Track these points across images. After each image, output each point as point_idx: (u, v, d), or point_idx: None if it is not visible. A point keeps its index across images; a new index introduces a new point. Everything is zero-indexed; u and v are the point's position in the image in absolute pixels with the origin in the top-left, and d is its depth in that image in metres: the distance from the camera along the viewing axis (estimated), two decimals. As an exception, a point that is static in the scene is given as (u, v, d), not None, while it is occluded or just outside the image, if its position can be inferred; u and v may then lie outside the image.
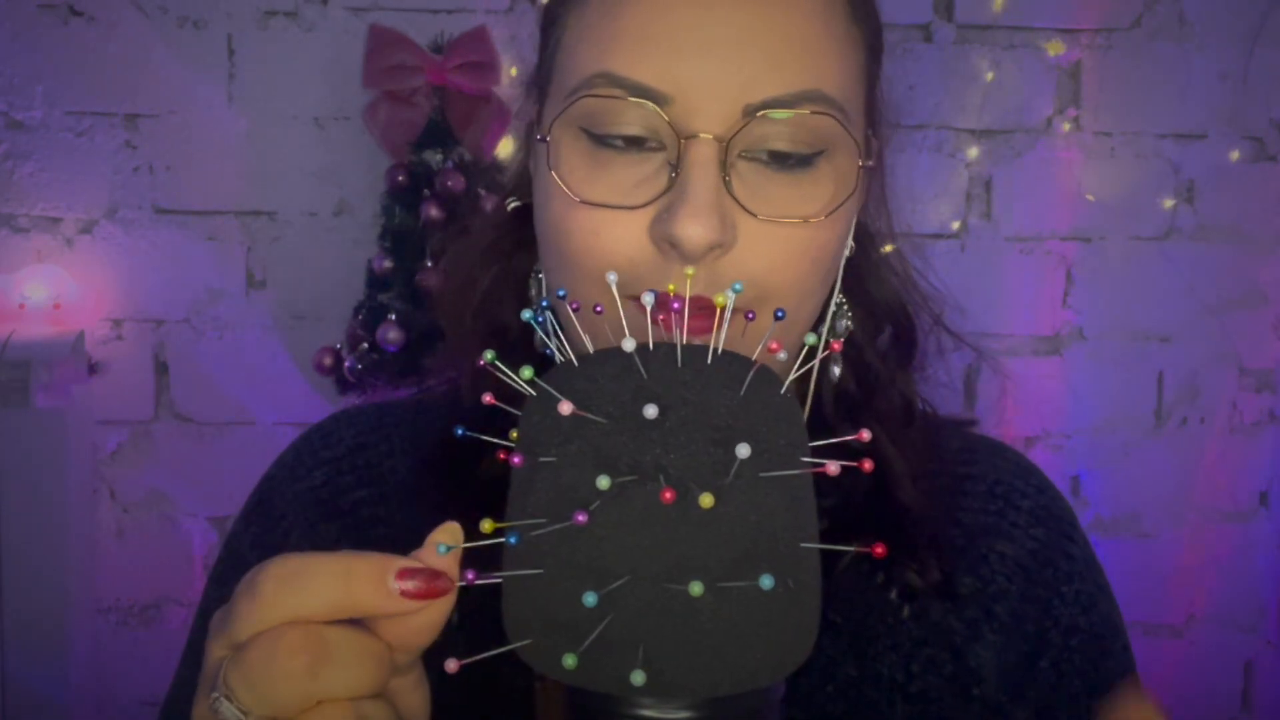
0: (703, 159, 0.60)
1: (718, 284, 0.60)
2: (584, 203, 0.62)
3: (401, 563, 0.43)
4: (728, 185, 0.61)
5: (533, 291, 0.73)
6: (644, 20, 0.61)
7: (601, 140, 0.62)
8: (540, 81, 0.70)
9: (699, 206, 0.59)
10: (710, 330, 0.47)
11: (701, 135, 0.60)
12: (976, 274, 2.12)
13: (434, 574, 0.43)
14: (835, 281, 0.70)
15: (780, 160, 0.62)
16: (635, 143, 0.62)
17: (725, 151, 0.60)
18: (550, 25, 0.69)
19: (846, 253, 0.71)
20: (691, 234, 0.59)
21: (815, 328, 0.70)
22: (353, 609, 0.43)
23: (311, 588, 0.42)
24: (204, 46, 2.02)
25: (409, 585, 0.42)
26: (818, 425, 0.69)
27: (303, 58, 2.03)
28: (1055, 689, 0.72)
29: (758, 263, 0.62)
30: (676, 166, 0.61)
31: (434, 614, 0.44)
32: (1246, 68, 2.11)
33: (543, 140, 0.65)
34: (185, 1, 2.01)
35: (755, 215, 0.61)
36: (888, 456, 0.72)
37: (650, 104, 0.60)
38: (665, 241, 0.60)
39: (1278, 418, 2.21)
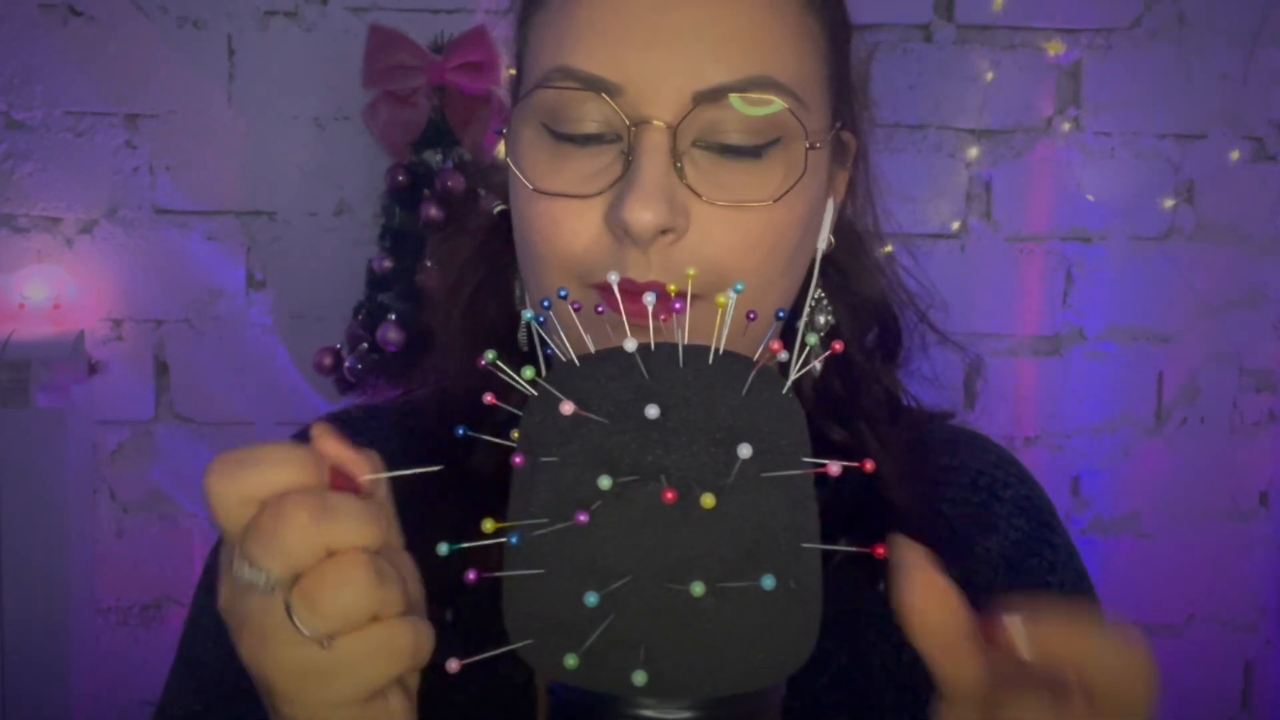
0: (652, 145, 0.61)
1: (673, 270, 0.61)
2: (542, 193, 0.64)
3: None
4: (679, 171, 0.62)
5: (518, 292, 0.74)
6: (597, 15, 0.63)
7: (561, 136, 0.64)
8: (514, 86, 0.71)
9: (646, 191, 0.60)
10: (662, 316, 0.48)
11: (654, 122, 0.61)
12: (976, 274, 2.12)
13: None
14: (808, 273, 0.71)
15: (734, 148, 0.63)
16: (593, 138, 0.63)
17: (676, 138, 0.61)
18: (520, 30, 0.70)
19: (824, 247, 0.71)
20: (638, 218, 0.60)
21: (793, 322, 0.71)
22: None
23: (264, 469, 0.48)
24: (204, 46, 2.02)
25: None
26: None
27: (303, 58, 2.02)
28: None
29: (712, 248, 0.62)
30: (629, 154, 0.62)
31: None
32: (1246, 68, 2.11)
33: (504, 133, 0.67)
34: (185, 1, 2.00)
35: (702, 198, 0.62)
36: (874, 455, 0.72)
37: (603, 94, 0.61)
38: (618, 227, 0.61)
39: (1278, 418, 2.21)
